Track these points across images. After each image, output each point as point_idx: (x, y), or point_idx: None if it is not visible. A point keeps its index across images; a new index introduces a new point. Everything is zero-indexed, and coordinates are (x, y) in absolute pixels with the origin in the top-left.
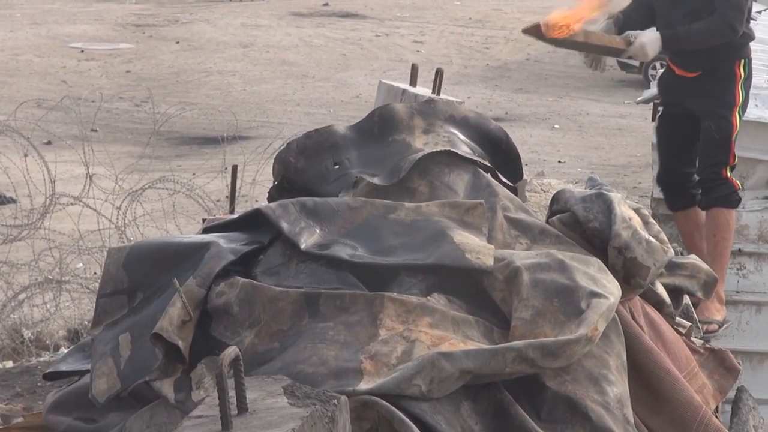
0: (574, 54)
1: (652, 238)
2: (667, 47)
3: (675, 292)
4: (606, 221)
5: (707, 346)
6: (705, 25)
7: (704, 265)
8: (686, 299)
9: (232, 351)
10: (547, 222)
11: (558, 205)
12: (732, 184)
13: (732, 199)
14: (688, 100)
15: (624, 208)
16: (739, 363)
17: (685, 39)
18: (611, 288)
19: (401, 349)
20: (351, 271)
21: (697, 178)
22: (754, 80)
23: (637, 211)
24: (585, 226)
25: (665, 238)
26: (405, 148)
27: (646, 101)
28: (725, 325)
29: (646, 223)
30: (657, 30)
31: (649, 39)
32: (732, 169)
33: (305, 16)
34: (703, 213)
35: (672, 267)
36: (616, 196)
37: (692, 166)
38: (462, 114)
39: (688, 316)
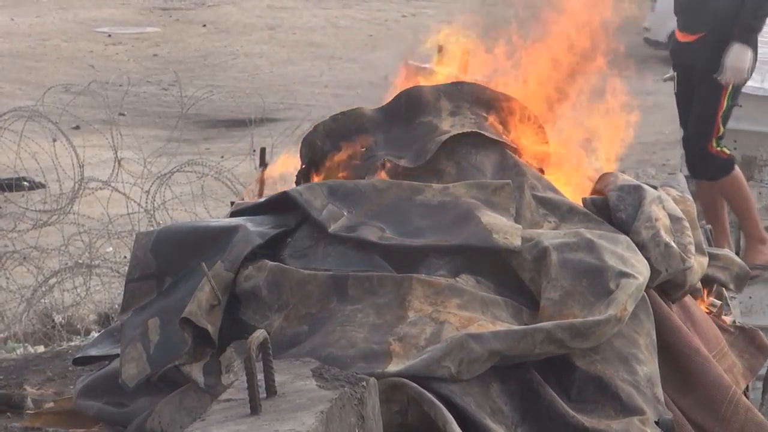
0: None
1: (673, 244)
2: (749, 39)
3: (707, 282)
4: (633, 215)
5: (738, 324)
6: None
7: (737, 259)
8: None
9: (260, 334)
10: (584, 199)
11: (600, 185)
12: (718, 156)
13: (725, 169)
14: (692, 64)
15: (654, 208)
16: None
17: (755, 21)
18: (640, 267)
19: (430, 331)
20: (379, 253)
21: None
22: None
23: (674, 218)
24: (613, 214)
25: (692, 250)
26: (432, 130)
27: (672, 78)
28: None
29: (680, 230)
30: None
31: (732, 58)
32: (720, 139)
33: None
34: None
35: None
36: (653, 193)
37: None
38: (489, 95)
39: (718, 295)
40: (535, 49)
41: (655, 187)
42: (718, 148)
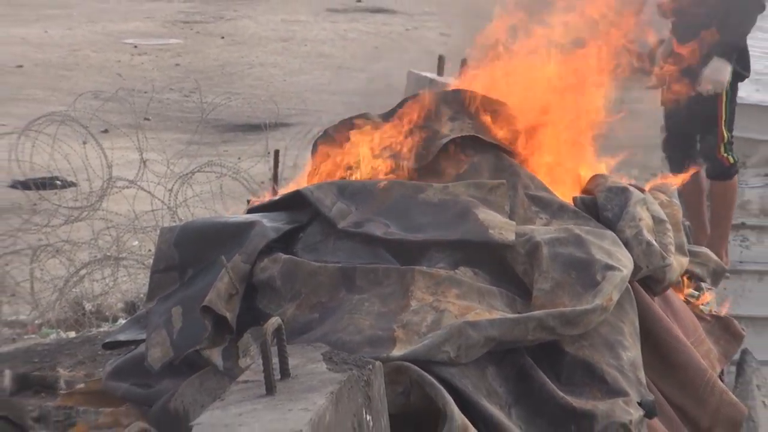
0: None
1: (654, 243)
2: (729, 54)
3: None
4: (618, 215)
5: (713, 313)
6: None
7: (714, 257)
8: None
9: (275, 321)
10: (574, 198)
11: (590, 185)
12: (722, 162)
13: (724, 175)
14: (685, 74)
15: (639, 209)
16: (743, 329)
17: (735, 38)
18: (624, 261)
19: (431, 319)
20: (384, 247)
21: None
22: (756, 66)
23: (658, 219)
24: (600, 213)
25: (672, 249)
26: (433, 134)
27: (654, 87)
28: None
29: (663, 231)
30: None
31: (712, 70)
32: (728, 144)
33: (340, 11)
34: (704, 179)
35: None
36: (638, 195)
37: (696, 132)
38: (485, 102)
39: (696, 287)
40: (530, 59)
41: (642, 190)
42: (725, 155)
